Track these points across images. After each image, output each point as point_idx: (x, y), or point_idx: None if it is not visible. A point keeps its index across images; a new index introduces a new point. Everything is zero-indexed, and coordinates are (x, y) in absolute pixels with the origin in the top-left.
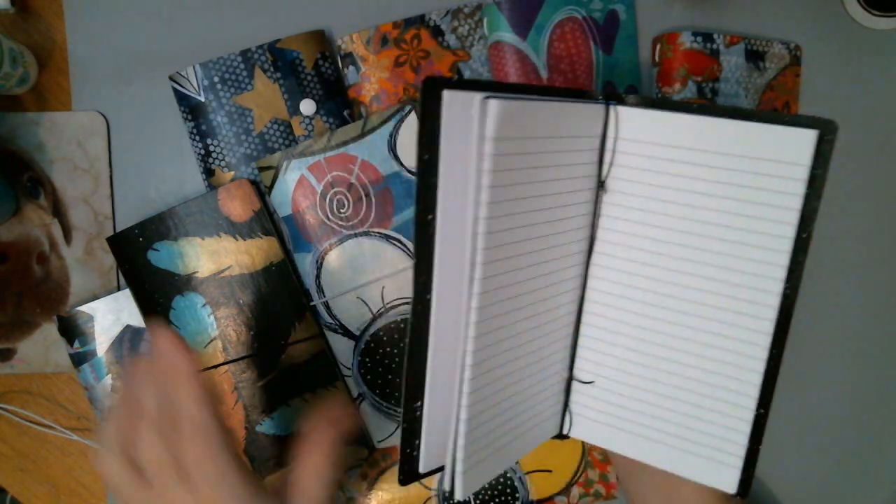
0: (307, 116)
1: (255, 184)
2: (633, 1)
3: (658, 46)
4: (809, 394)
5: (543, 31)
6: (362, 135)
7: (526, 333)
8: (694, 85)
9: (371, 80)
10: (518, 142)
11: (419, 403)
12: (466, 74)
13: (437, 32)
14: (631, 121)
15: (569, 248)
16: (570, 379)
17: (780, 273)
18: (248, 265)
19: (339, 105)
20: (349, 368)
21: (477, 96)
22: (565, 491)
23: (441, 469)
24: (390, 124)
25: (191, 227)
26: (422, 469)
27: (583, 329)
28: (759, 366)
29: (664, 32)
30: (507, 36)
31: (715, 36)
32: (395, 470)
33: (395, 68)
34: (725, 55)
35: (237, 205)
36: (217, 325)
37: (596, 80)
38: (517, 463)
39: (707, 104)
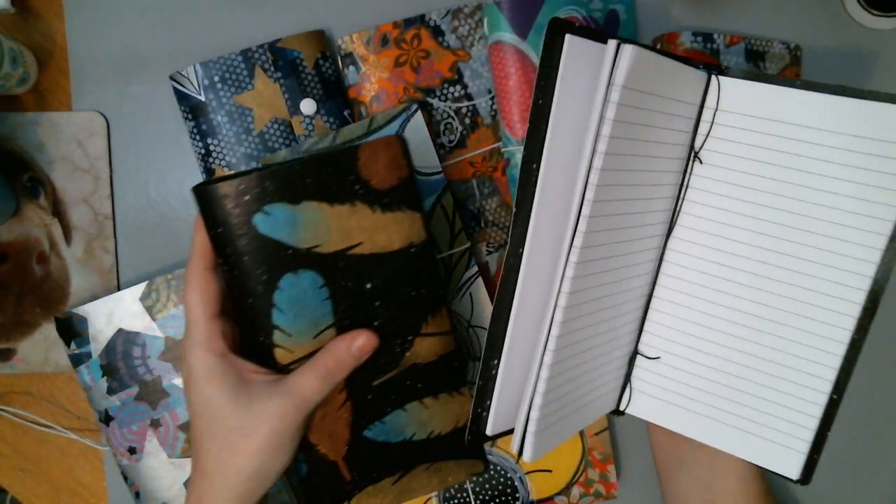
0: (307, 116)
1: (404, 144)
2: (633, 1)
3: (658, 46)
4: None
5: (544, 31)
6: (368, 133)
7: (607, 299)
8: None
9: (371, 79)
10: (640, 96)
11: (496, 361)
12: (466, 74)
13: (437, 32)
14: (734, 93)
15: (654, 216)
16: (636, 353)
17: (876, 256)
18: (382, 244)
19: (340, 105)
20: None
21: (611, 42)
22: (565, 491)
23: (508, 433)
24: (396, 123)
25: (318, 188)
26: (489, 431)
27: (654, 303)
28: (840, 349)
29: (664, 32)
30: (508, 36)
31: (715, 36)
32: None
33: (395, 68)
34: (725, 55)
35: (381, 168)
36: (335, 312)
37: None
38: (517, 463)
39: (811, 81)
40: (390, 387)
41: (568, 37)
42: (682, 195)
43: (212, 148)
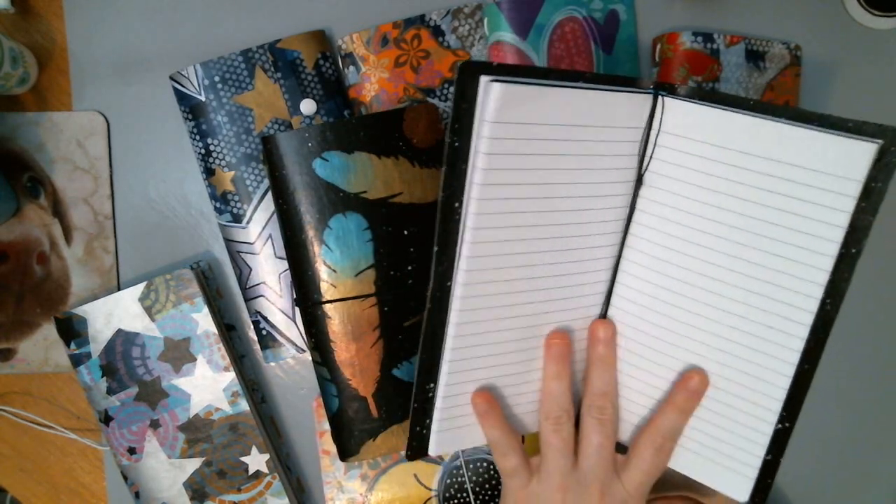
0: (307, 116)
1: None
2: (633, 1)
3: (658, 46)
4: (809, 394)
5: (544, 31)
6: None
7: (529, 318)
8: (694, 85)
9: (371, 80)
10: (526, 127)
11: (432, 385)
12: None
13: (437, 32)
14: (678, 114)
15: (596, 239)
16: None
17: (817, 291)
18: (419, 195)
19: (340, 105)
20: None
21: (483, 79)
22: None
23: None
24: None
25: (368, 141)
26: (433, 451)
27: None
28: (784, 381)
29: (664, 32)
30: (508, 36)
31: (715, 36)
32: (396, 470)
33: (395, 68)
34: (725, 55)
35: (422, 128)
36: (375, 254)
37: None
38: None
39: (762, 101)
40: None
41: (483, 78)
42: (630, 220)
43: (212, 148)
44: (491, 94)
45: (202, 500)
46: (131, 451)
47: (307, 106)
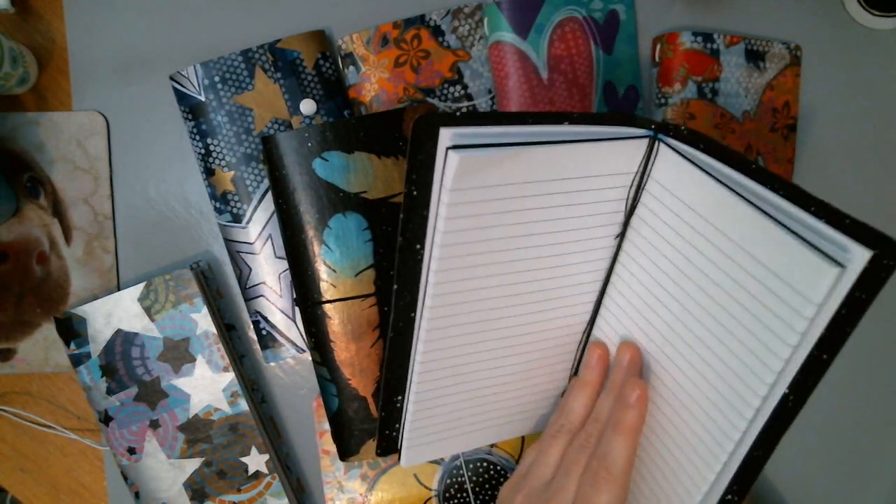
0: (307, 116)
1: None
2: (633, 1)
3: (658, 46)
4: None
5: (544, 31)
6: None
7: (507, 350)
8: (694, 85)
9: (371, 80)
10: (492, 189)
11: (400, 397)
12: (467, 74)
13: (437, 32)
14: (669, 163)
15: (573, 280)
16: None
17: (763, 388)
18: None
19: (340, 105)
20: None
21: (443, 144)
22: None
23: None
24: None
25: (368, 141)
26: (404, 463)
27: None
28: (723, 460)
29: (664, 32)
30: (508, 36)
31: (715, 36)
32: (396, 470)
33: (395, 68)
34: (725, 55)
35: None
36: (375, 254)
37: (596, 79)
38: (517, 463)
39: (762, 169)
40: None
41: (443, 130)
42: (612, 268)
43: (212, 148)
44: (449, 164)
45: (202, 501)
46: (131, 451)
47: (307, 106)
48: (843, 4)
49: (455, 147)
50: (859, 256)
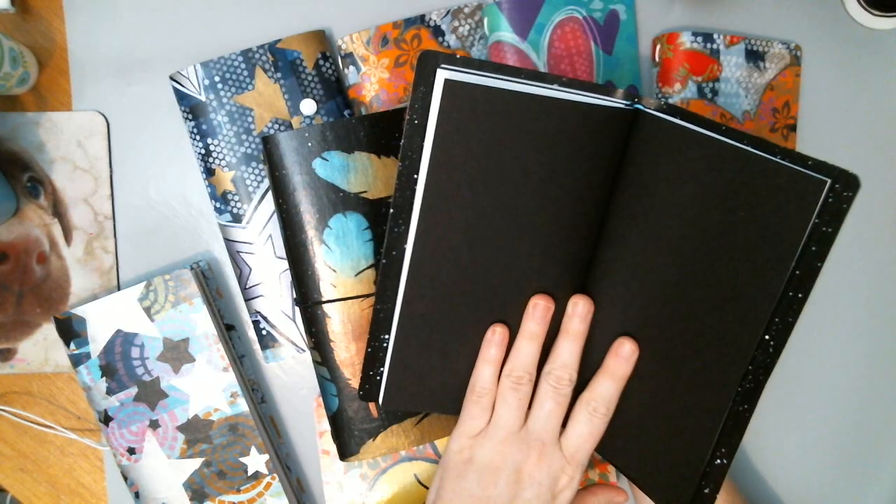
0: (308, 116)
1: None
2: (633, 1)
3: (658, 46)
4: (809, 394)
5: (544, 30)
6: None
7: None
8: (694, 85)
9: (371, 80)
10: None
11: (386, 336)
12: None
13: (437, 32)
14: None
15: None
16: None
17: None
18: None
19: (340, 105)
20: None
21: (441, 78)
22: None
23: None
24: None
25: (369, 141)
26: (382, 403)
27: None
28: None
29: (664, 32)
30: (508, 36)
31: (715, 36)
32: (396, 470)
33: (395, 68)
34: (725, 55)
35: None
36: (375, 254)
37: (596, 79)
38: None
39: (731, 127)
40: None
41: (440, 72)
42: (603, 227)
43: (212, 148)
44: (437, 85)
45: (202, 501)
46: (131, 451)
47: (307, 106)
48: (843, 4)
49: (447, 72)
50: (820, 186)
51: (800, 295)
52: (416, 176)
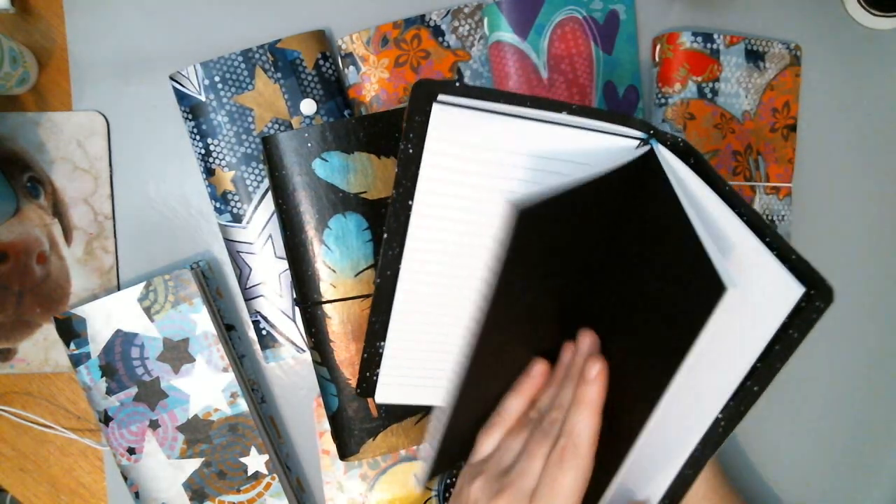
0: (307, 116)
1: None
2: (633, 1)
3: (658, 46)
4: (809, 394)
5: (544, 30)
6: None
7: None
8: (694, 85)
9: (371, 80)
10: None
11: (381, 343)
12: (467, 74)
13: (437, 32)
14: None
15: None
16: None
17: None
18: None
19: (340, 105)
20: None
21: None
22: None
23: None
24: None
25: (368, 141)
26: (378, 398)
27: None
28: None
29: (664, 32)
30: (508, 36)
31: (715, 36)
32: (396, 470)
33: (395, 68)
34: (725, 55)
35: None
36: (375, 254)
37: (596, 79)
38: None
39: (734, 190)
40: None
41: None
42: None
43: (212, 148)
44: (432, 115)
45: (202, 501)
46: (131, 451)
47: (307, 106)
48: (843, 4)
49: (441, 103)
50: (796, 293)
51: (755, 388)
52: (410, 202)
